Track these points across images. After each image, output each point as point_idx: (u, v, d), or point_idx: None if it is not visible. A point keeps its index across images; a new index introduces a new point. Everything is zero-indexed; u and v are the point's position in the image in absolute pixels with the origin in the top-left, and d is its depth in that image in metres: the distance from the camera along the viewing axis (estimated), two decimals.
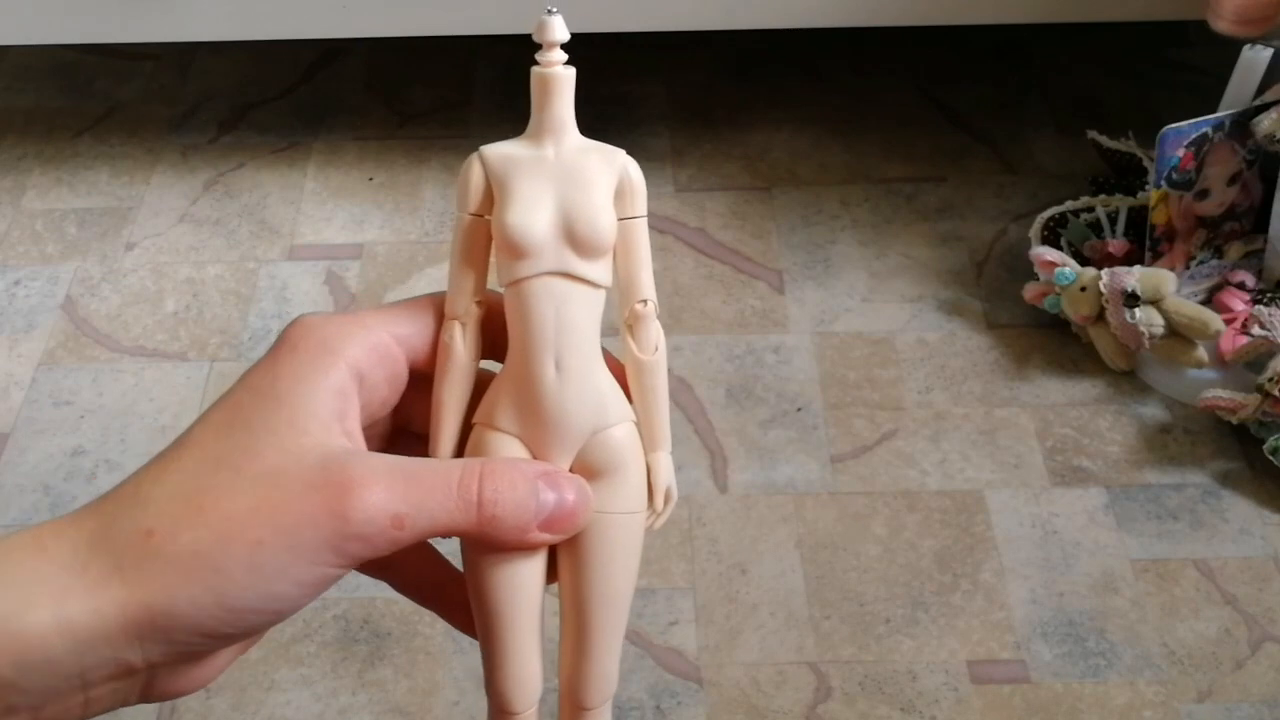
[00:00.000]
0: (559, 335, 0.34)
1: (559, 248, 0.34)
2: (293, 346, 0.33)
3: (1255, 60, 0.78)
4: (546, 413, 0.34)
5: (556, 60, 0.36)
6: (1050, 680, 0.68)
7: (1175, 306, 0.78)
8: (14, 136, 1.03)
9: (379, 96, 1.05)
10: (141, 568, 0.29)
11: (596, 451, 0.35)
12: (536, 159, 0.35)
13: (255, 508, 0.30)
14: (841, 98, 1.04)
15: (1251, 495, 0.76)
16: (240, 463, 0.31)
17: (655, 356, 0.36)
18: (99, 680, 0.30)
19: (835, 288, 0.89)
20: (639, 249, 0.36)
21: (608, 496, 0.35)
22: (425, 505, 0.32)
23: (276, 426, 0.32)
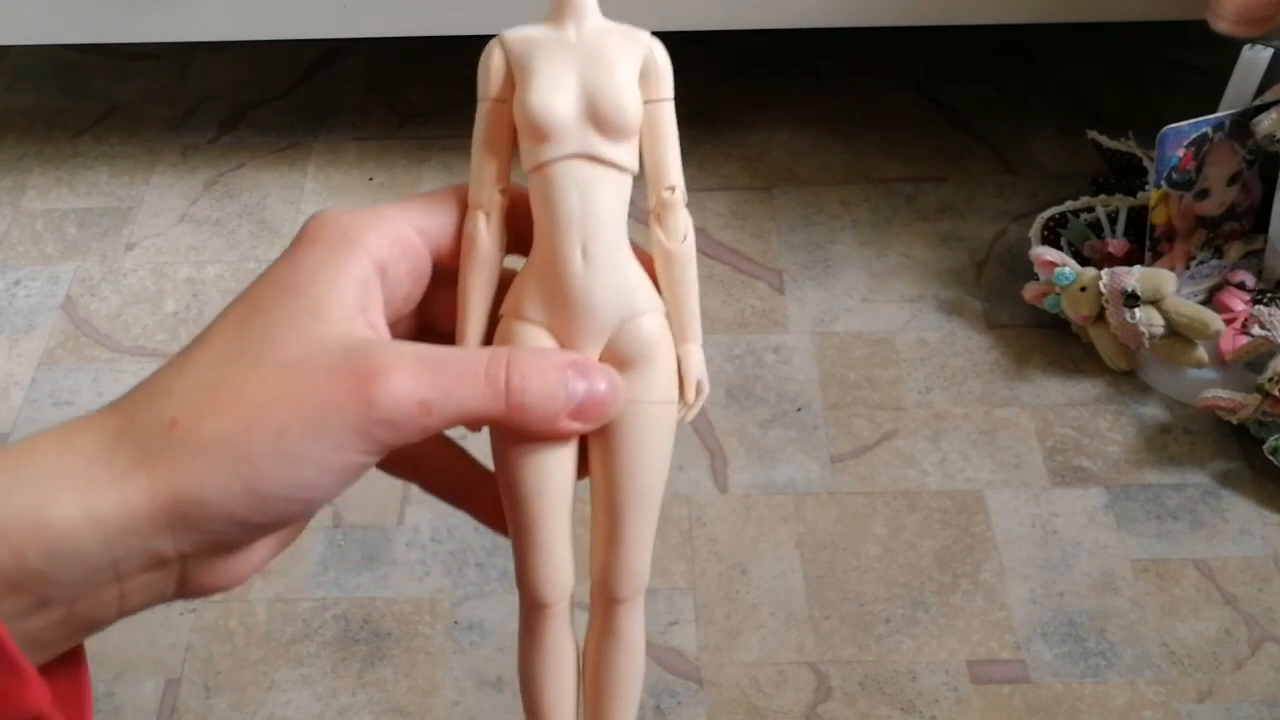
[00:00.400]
0: (585, 220, 0.33)
1: (583, 129, 0.33)
2: (312, 239, 0.33)
3: (1255, 60, 0.78)
4: (573, 301, 0.34)
5: None
6: (1050, 680, 0.68)
7: (1175, 306, 0.78)
8: (14, 136, 1.03)
9: (379, 96, 1.05)
10: (167, 457, 0.29)
11: (625, 341, 0.34)
12: (558, 40, 0.34)
13: (278, 395, 0.30)
14: (841, 98, 1.04)
15: (1251, 495, 0.76)
16: (262, 351, 0.30)
17: (684, 246, 0.35)
18: (131, 572, 0.30)
19: (835, 288, 0.89)
20: (666, 134, 0.35)
21: (638, 386, 0.35)
22: (453, 392, 0.31)
23: (298, 316, 0.31)
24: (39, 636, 0.30)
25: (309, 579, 0.72)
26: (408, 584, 0.72)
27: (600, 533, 0.35)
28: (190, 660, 0.69)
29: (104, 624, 0.31)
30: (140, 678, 0.68)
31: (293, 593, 0.72)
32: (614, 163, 0.33)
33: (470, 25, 0.87)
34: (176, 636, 0.70)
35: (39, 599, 0.29)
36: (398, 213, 0.34)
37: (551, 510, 0.35)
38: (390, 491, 0.76)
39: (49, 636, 0.30)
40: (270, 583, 0.72)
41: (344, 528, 0.75)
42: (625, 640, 0.36)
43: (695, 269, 0.36)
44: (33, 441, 0.30)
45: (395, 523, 0.75)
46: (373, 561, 0.73)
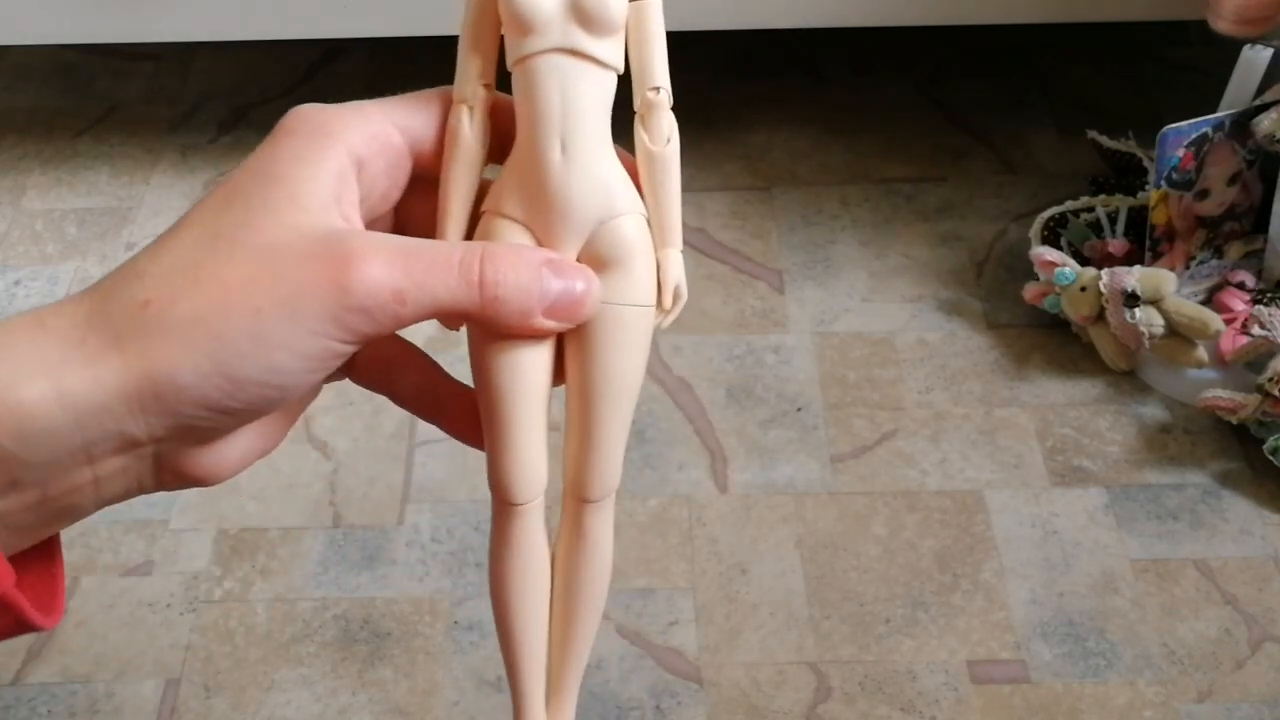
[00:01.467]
0: (565, 115, 0.33)
1: (565, 23, 0.33)
2: (290, 131, 0.33)
3: (1255, 60, 0.78)
4: (551, 197, 0.33)
5: None
6: (1050, 680, 0.68)
7: (1175, 306, 0.78)
8: (14, 136, 1.03)
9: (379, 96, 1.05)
10: (140, 337, 0.29)
11: (603, 241, 0.34)
12: None
13: (253, 277, 0.30)
14: (841, 98, 1.04)
15: (1251, 495, 0.76)
16: (238, 235, 0.30)
17: (667, 148, 0.35)
18: (104, 454, 0.30)
19: (835, 288, 0.89)
20: (653, 33, 0.34)
21: (615, 288, 0.34)
22: (426, 282, 0.31)
23: (275, 203, 0.31)
24: (12, 520, 0.30)
25: (309, 579, 0.72)
26: (408, 584, 0.72)
27: (573, 434, 0.36)
28: (190, 660, 0.69)
29: (81, 511, 0.31)
30: (140, 678, 0.68)
31: (293, 593, 0.72)
32: (597, 58, 0.33)
33: None
34: (176, 636, 0.70)
35: (10, 479, 0.29)
36: (378, 109, 0.35)
37: (524, 409, 0.35)
38: (390, 492, 0.77)
39: (22, 520, 0.30)
40: (270, 583, 0.72)
41: (344, 528, 0.75)
42: (592, 541, 0.36)
43: (678, 172, 0.35)
44: (6, 324, 0.30)
45: (395, 523, 0.75)
46: (373, 561, 0.73)
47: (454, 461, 0.78)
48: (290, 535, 0.75)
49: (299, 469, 0.78)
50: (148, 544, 0.74)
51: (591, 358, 0.35)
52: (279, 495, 0.76)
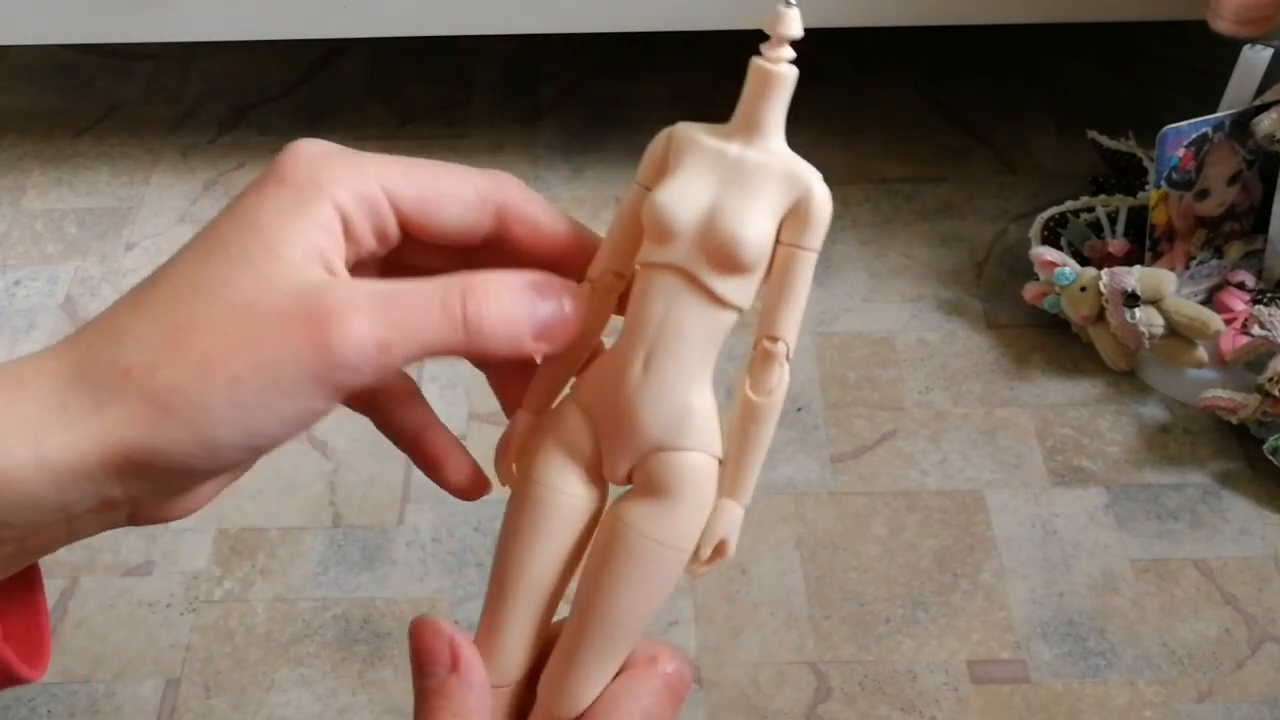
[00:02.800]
0: (659, 333, 0.32)
1: (693, 247, 0.31)
2: (280, 179, 0.32)
3: (1255, 60, 0.78)
4: (617, 403, 0.33)
5: (783, 57, 0.33)
6: (1050, 680, 0.68)
7: (1175, 306, 0.78)
8: (14, 136, 1.03)
9: (379, 96, 1.05)
10: (120, 405, 0.29)
11: (657, 467, 0.33)
12: (717, 150, 0.32)
13: (233, 343, 0.29)
14: (841, 98, 1.04)
15: (1251, 495, 0.76)
16: (217, 292, 0.30)
17: (767, 400, 0.34)
18: (82, 513, 0.30)
19: (835, 288, 0.89)
20: (791, 283, 0.33)
21: (651, 519, 0.33)
22: (410, 328, 0.30)
23: (254, 255, 0.30)
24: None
25: (309, 579, 0.72)
26: (408, 584, 0.72)
27: (562, 643, 0.34)
28: (190, 660, 0.69)
29: (52, 550, 0.32)
30: (140, 678, 0.68)
31: (293, 593, 0.72)
32: (713, 291, 0.32)
33: (470, 25, 0.87)
34: (176, 636, 0.70)
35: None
36: (375, 168, 0.33)
37: (526, 591, 0.34)
38: (390, 492, 0.77)
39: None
40: (270, 583, 0.72)
41: (344, 528, 0.75)
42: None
43: (772, 428, 0.34)
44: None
45: (395, 523, 0.75)
46: (373, 562, 0.73)
47: None
48: (290, 535, 0.75)
49: (299, 469, 0.78)
50: (148, 544, 0.74)
51: (603, 581, 0.33)
52: (279, 495, 0.76)
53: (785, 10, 0.32)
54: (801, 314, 0.33)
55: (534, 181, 0.96)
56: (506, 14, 0.86)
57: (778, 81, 0.33)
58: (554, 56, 1.08)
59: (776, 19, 0.32)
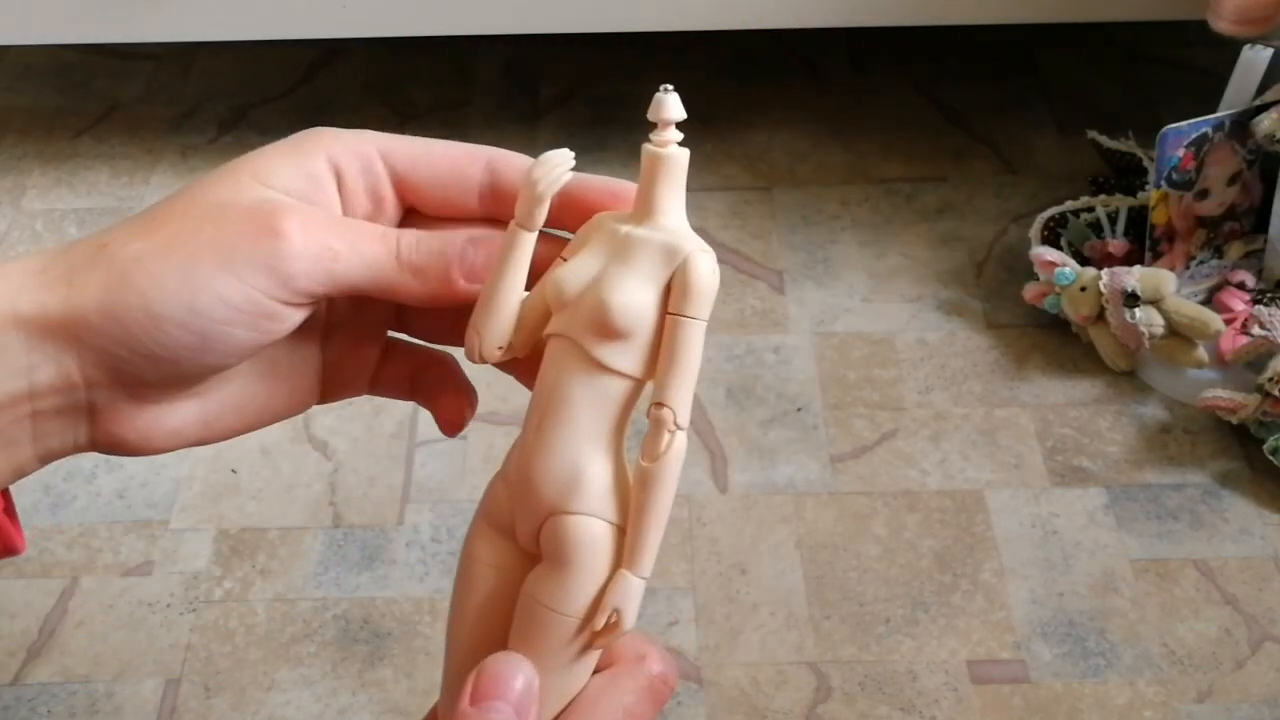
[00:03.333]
0: (550, 398, 0.33)
1: (577, 316, 0.33)
2: (289, 140, 0.35)
3: (1255, 60, 0.78)
4: (518, 472, 0.34)
5: (668, 139, 0.34)
6: (1050, 680, 0.68)
7: (1175, 306, 0.78)
8: (14, 136, 1.03)
9: (379, 97, 1.05)
10: (89, 272, 0.32)
11: (550, 534, 0.34)
12: (613, 231, 0.34)
13: (198, 227, 0.32)
14: (841, 98, 1.04)
15: (1251, 495, 0.76)
16: (196, 197, 0.33)
17: (654, 465, 0.33)
18: (44, 389, 0.32)
19: (835, 288, 0.89)
20: (676, 350, 0.33)
21: (544, 586, 0.34)
22: (357, 245, 0.33)
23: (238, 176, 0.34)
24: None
25: (309, 579, 0.72)
26: (408, 584, 0.72)
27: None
28: (190, 660, 0.69)
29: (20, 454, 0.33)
30: (140, 678, 0.68)
31: (293, 593, 0.72)
32: (593, 357, 0.33)
33: (470, 25, 0.87)
34: (176, 636, 0.70)
35: None
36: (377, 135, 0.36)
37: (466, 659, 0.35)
38: (390, 492, 0.77)
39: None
40: (270, 583, 0.72)
41: (344, 528, 0.75)
42: None
43: (666, 495, 0.34)
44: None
45: (395, 523, 0.75)
46: (373, 561, 0.73)
47: (454, 461, 0.78)
48: (290, 535, 0.75)
49: (299, 469, 0.78)
50: (148, 544, 0.74)
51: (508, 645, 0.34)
52: (279, 495, 0.76)
53: (664, 96, 0.33)
54: (692, 380, 0.33)
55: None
56: (506, 14, 0.86)
57: (667, 163, 0.34)
58: (554, 56, 1.08)
59: (657, 105, 0.33)
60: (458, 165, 0.37)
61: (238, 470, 0.78)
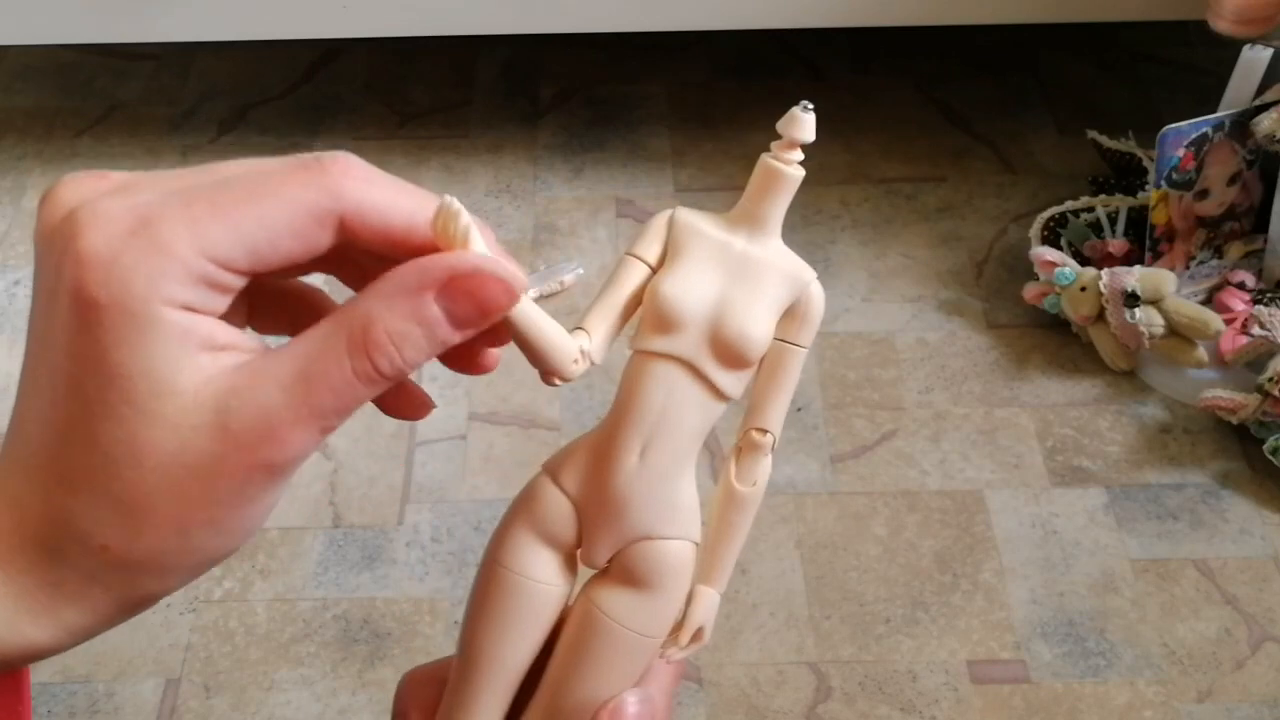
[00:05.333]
0: (658, 425, 0.32)
1: (699, 340, 0.31)
2: (92, 303, 0.28)
3: (1255, 60, 0.78)
4: (609, 493, 0.32)
5: (793, 159, 0.33)
6: (1050, 680, 0.68)
7: (1175, 306, 0.78)
8: (14, 136, 1.03)
9: (379, 96, 1.05)
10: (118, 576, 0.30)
11: (640, 557, 0.33)
12: (721, 242, 0.32)
13: (188, 500, 0.29)
14: (841, 98, 1.04)
15: (1251, 495, 0.76)
16: (138, 458, 0.29)
17: (752, 490, 0.34)
18: None
19: (835, 288, 0.89)
20: (784, 377, 0.33)
21: (630, 608, 0.33)
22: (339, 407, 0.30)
23: (144, 405, 0.28)
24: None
25: (309, 579, 0.72)
26: (407, 584, 0.72)
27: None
28: (190, 660, 0.69)
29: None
30: (140, 678, 0.68)
31: (293, 593, 0.72)
32: (715, 385, 0.32)
33: (470, 25, 0.87)
34: (176, 636, 0.70)
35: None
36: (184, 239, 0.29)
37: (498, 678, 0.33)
38: (390, 492, 0.76)
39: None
40: (270, 583, 0.72)
41: (344, 528, 0.75)
42: None
43: (753, 517, 0.34)
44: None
45: (395, 523, 0.75)
46: (373, 561, 0.73)
47: (454, 461, 0.78)
48: (290, 535, 0.75)
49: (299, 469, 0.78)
50: None
51: (578, 668, 0.33)
52: None
53: (802, 115, 0.32)
54: (788, 407, 0.33)
55: (534, 181, 0.96)
56: (506, 14, 0.86)
57: (786, 182, 0.33)
58: (554, 56, 1.08)
59: (792, 122, 0.32)
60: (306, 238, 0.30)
61: None
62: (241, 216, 0.29)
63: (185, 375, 0.29)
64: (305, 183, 0.30)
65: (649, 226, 0.33)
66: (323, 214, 0.30)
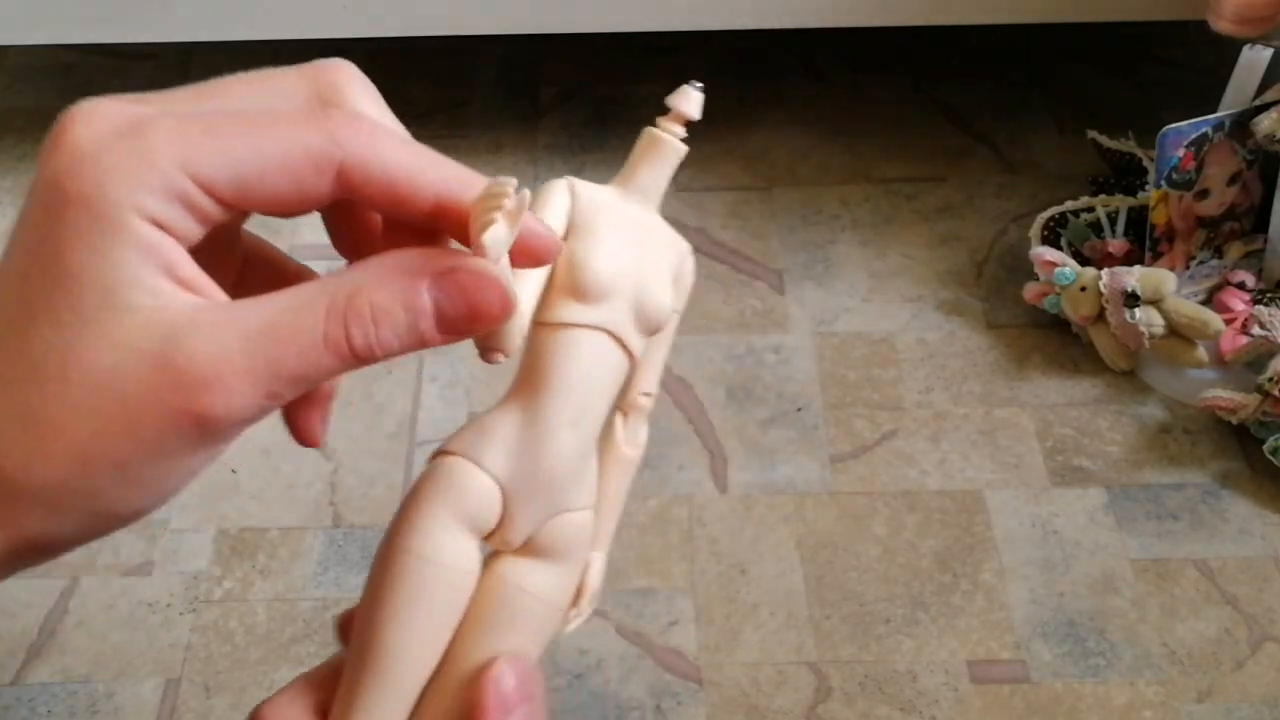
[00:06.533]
0: (587, 394, 0.31)
1: (624, 310, 0.32)
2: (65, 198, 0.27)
3: (1255, 60, 0.78)
4: (544, 472, 0.31)
5: (679, 132, 0.34)
6: (1050, 680, 0.68)
7: (1175, 306, 0.78)
8: (14, 136, 1.03)
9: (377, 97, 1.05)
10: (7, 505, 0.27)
11: (558, 531, 0.32)
12: (626, 213, 0.33)
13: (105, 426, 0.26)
14: (841, 98, 1.04)
15: (1251, 495, 0.76)
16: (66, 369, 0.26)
17: (639, 453, 0.34)
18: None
19: (835, 288, 0.89)
20: (666, 341, 0.34)
21: (540, 578, 0.32)
22: (296, 373, 0.27)
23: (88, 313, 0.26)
24: None
25: (309, 579, 0.72)
26: None
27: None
28: (190, 660, 0.69)
29: None
30: (140, 678, 0.68)
31: (293, 593, 0.72)
32: (631, 350, 0.32)
33: (470, 25, 0.87)
34: (176, 636, 0.70)
35: None
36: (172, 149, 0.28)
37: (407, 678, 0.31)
38: (390, 492, 0.76)
39: None
40: (270, 583, 0.72)
41: (344, 528, 0.75)
42: None
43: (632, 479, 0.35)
44: None
45: None
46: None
47: None
48: (290, 535, 0.75)
49: (299, 469, 0.78)
50: (148, 544, 0.74)
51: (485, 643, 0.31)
52: (279, 495, 0.76)
53: (693, 91, 0.34)
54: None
55: (534, 182, 0.96)
56: (506, 14, 0.86)
57: (672, 153, 0.34)
58: (554, 56, 1.08)
59: (683, 97, 0.34)
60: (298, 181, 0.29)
61: (238, 470, 0.78)
62: (235, 141, 0.28)
63: (140, 294, 0.27)
64: (310, 126, 0.29)
65: (549, 199, 0.32)
66: (320, 158, 0.29)
